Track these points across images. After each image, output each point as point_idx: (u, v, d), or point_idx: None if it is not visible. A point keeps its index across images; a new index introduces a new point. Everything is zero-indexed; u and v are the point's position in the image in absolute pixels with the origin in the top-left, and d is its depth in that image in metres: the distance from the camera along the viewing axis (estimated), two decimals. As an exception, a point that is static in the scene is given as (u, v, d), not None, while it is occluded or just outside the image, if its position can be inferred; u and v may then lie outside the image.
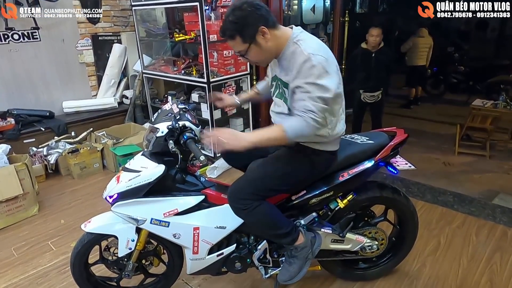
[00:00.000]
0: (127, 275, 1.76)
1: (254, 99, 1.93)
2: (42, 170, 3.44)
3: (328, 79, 1.32)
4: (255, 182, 1.53)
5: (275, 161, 1.58)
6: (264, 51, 1.41)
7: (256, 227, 1.64)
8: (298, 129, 1.33)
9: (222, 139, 1.32)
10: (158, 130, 1.49)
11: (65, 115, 3.99)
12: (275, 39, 1.40)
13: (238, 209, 1.52)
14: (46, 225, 2.75)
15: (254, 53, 1.42)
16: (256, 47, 1.39)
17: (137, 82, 4.24)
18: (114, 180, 1.59)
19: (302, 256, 1.67)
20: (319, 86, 1.30)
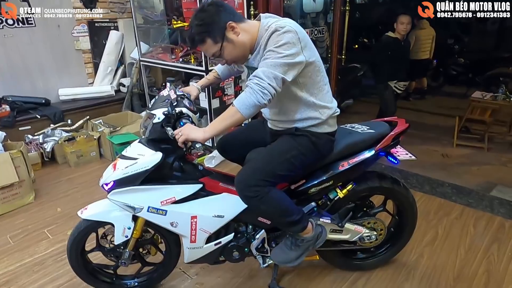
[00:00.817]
0: (124, 263, 1.74)
1: (214, 83, 1.92)
2: (38, 158, 3.40)
3: (291, 48, 1.30)
4: (264, 168, 1.50)
5: (280, 147, 1.55)
6: (238, 46, 1.40)
7: (267, 215, 1.61)
8: (243, 98, 1.32)
9: (185, 132, 1.36)
10: (154, 116, 1.46)
11: (61, 103, 3.94)
12: (246, 32, 1.40)
13: (248, 197, 1.49)
14: (43, 213, 2.73)
15: (229, 51, 1.40)
16: (229, 44, 1.39)
17: (134, 70, 4.18)
18: (111, 167, 1.57)
19: (305, 247, 1.66)
20: (278, 52, 1.30)
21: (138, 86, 4.25)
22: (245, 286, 1.96)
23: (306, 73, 1.42)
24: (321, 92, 1.51)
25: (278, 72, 1.30)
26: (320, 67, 1.47)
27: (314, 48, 1.42)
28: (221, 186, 1.63)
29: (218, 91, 3.48)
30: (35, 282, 2.03)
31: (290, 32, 1.30)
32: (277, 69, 1.30)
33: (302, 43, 1.34)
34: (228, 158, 1.91)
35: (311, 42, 1.40)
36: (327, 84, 1.55)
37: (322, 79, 1.51)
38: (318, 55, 1.44)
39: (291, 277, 2.02)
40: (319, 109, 1.52)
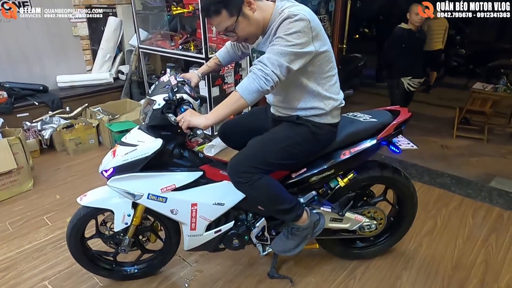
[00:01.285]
0: (124, 250, 1.74)
1: (215, 69, 1.89)
2: (36, 145, 3.38)
3: (301, 37, 1.27)
4: (255, 156, 1.49)
5: (276, 135, 1.54)
6: (253, 23, 1.36)
7: (258, 202, 1.61)
8: (246, 83, 1.30)
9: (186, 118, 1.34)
10: (154, 102, 1.44)
11: (59, 90, 3.90)
12: (261, 11, 1.36)
13: (238, 182, 1.49)
14: (41, 200, 2.72)
15: (243, 26, 1.36)
16: (244, 20, 1.34)
17: (133, 57, 4.13)
18: (110, 154, 1.55)
19: (302, 235, 1.66)
20: (287, 40, 1.27)
21: (137, 73, 4.21)
22: (244, 274, 1.97)
23: (315, 62, 1.39)
24: (328, 83, 1.49)
25: (283, 61, 1.27)
26: (330, 57, 1.44)
27: (326, 37, 1.39)
28: (221, 174, 1.62)
29: (218, 79, 3.45)
30: (34, 268, 2.04)
31: (303, 20, 1.27)
32: (283, 57, 1.27)
33: (314, 32, 1.30)
34: (230, 145, 1.90)
35: (323, 31, 1.37)
36: (336, 75, 1.52)
37: (331, 70, 1.48)
38: (330, 45, 1.41)
39: (290, 265, 2.02)
40: (324, 100, 1.49)
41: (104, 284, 1.91)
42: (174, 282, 1.94)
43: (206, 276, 1.97)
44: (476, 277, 1.94)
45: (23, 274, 1.99)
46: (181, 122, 1.36)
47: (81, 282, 1.93)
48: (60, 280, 1.95)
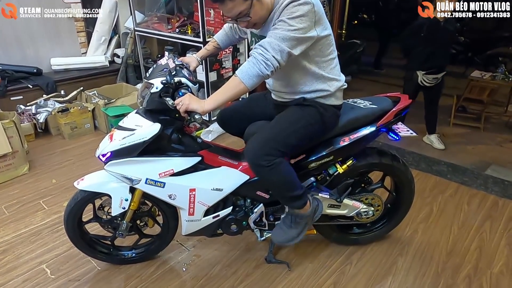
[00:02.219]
0: (121, 235, 1.74)
1: (214, 53, 1.86)
2: (31, 129, 3.34)
3: (304, 22, 1.26)
4: (275, 138, 1.47)
5: (290, 117, 1.53)
6: (264, 6, 1.33)
7: (273, 186, 1.58)
8: (246, 67, 1.28)
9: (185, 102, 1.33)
10: (152, 85, 1.41)
11: (53, 73, 3.83)
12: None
13: (261, 166, 1.45)
14: (38, 184, 2.71)
15: (257, 10, 1.32)
16: (258, 3, 1.31)
17: (129, 40, 4.05)
18: (107, 138, 1.53)
19: (304, 223, 1.67)
20: (289, 24, 1.25)
21: (133, 57, 4.14)
22: (242, 259, 1.99)
23: (317, 46, 1.38)
24: (329, 66, 1.48)
25: (285, 46, 1.26)
26: (331, 41, 1.43)
27: (327, 21, 1.37)
28: (220, 160, 1.61)
29: (216, 64, 3.40)
30: (32, 252, 2.04)
31: (307, 4, 1.25)
32: (284, 42, 1.25)
33: (317, 16, 1.29)
34: (228, 131, 1.88)
35: (325, 15, 1.35)
36: (336, 58, 1.52)
37: (332, 53, 1.47)
38: (330, 29, 1.40)
39: (288, 251, 2.04)
40: (327, 81, 1.49)
41: (102, 268, 1.92)
42: (172, 266, 1.95)
43: (204, 260, 1.98)
44: (470, 263, 1.97)
45: (20, 258, 1.99)
46: (179, 105, 1.33)
47: (79, 266, 1.93)
48: (57, 263, 1.95)
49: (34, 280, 1.86)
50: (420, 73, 3.08)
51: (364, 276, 1.88)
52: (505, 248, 2.08)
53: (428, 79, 3.07)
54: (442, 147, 3.26)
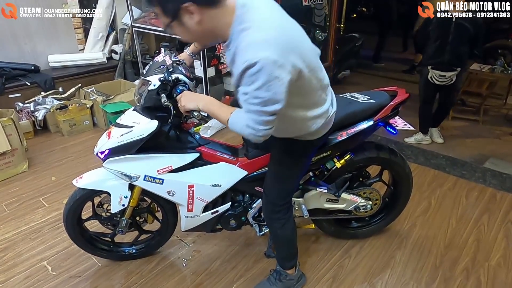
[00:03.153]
0: (121, 231, 1.75)
1: (203, 48, 1.81)
2: (30, 127, 3.34)
3: (270, 88, 1.02)
4: (277, 197, 1.55)
5: (279, 168, 1.52)
6: (192, 33, 1.09)
7: (281, 242, 1.67)
8: (239, 127, 1.17)
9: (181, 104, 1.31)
10: (149, 83, 1.41)
11: (51, 70, 3.82)
12: (213, 21, 1.05)
13: (274, 227, 1.60)
14: (37, 181, 2.71)
15: (179, 32, 1.10)
16: (179, 26, 1.06)
17: (126, 36, 4.04)
18: (105, 135, 1.53)
19: (286, 285, 1.73)
20: (257, 97, 1.04)
21: (130, 53, 4.13)
22: (241, 254, 2.00)
23: (296, 88, 1.13)
24: (313, 97, 1.25)
25: (266, 116, 1.08)
26: (314, 68, 1.17)
27: (300, 48, 1.09)
28: (218, 156, 1.62)
29: (214, 59, 3.39)
30: (32, 249, 2.05)
31: (265, 68, 0.98)
32: (263, 115, 1.08)
33: (283, 60, 1.01)
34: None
35: (298, 43, 1.10)
36: (323, 79, 1.26)
37: (316, 80, 1.21)
38: (307, 54, 1.13)
39: (287, 245, 2.05)
40: (308, 122, 1.30)
41: (102, 264, 1.94)
42: (172, 262, 1.96)
43: (204, 256, 2.00)
44: (468, 255, 1.99)
45: (21, 255, 2.01)
46: (181, 107, 1.32)
47: (80, 263, 1.95)
48: (58, 260, 1.97)
49: (35, 277, 1.87)
50: (429, 68, 2.97)
51: (363, 270, 1.90)
52: (502, 240, 2.10)
53: (435, 75, 2.94)
54: (441, 141, 3.25)
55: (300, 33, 1.15)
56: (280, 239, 1.65)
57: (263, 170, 1.65)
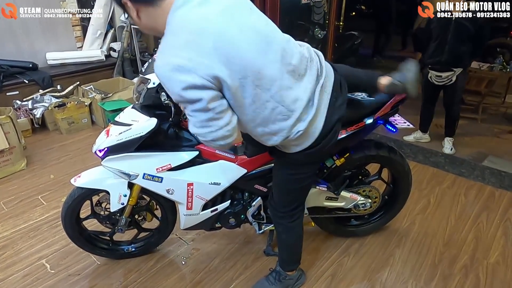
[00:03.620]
0: (120, 230, 1.75)
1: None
2: (28, 125, 3.33)
3: (192, 94, 0.98)
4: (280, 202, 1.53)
5: (278, 178, 1.48)
6: (138, 25, 1.10)
7: (285, 245, 1.67)
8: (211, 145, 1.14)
9: None
10: (149, 81, 1.41)
11: (49, 67, 3.81)
12: (149, 18, 1.04)
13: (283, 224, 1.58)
14: (36, 179, 2.71)
15: (134, 21, 1.09)
16: (130, 18, 1.10)
17: (124, 33, 4.02)
18: (104, 133, 1.53)
19: (285, 285, 1.72)
20: (188, 110, 1.04)
21: (129, 51, 4.11)
22: (240, 252, 2.00)
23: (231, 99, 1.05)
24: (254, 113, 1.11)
25: (209, 112, 1.03)
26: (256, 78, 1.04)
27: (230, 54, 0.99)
28: (217, 154, 1.61)
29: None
30: (31, 247, 2.04)
31: (174, 77, 0.96)
32: (205, 110, 1.02)
33: (191, 64, 0.95)
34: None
35: (227, 48, 0.99)
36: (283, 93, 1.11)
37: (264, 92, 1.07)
38: (242, 63, 1.01)
39: (286, 243, 2.05)
40: (260, 136, 1.21)
41: (101, 263, 1.93)
42: (171, 260, 1.96)
43: (203, 254, 2.00)
44: (467, 253, 1.99)
45: (20, 253, 2.00)
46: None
47: (79, 261, 1.94)
48: (57, 258, 1.96)
49: (34, 275, 1.87)
50: (428, 68, 2.93)
51: (362, 268, 1.90)
52: (501, 238, 2.10)
53: (433, 75, 2.90)
54: (449, 151, 3.01)
55: (243, 36, 1.02)
56: (284, 243, 1.64)
57: (263, 168, 1.65)
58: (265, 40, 1.07)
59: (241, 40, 1.01)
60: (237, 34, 1.01)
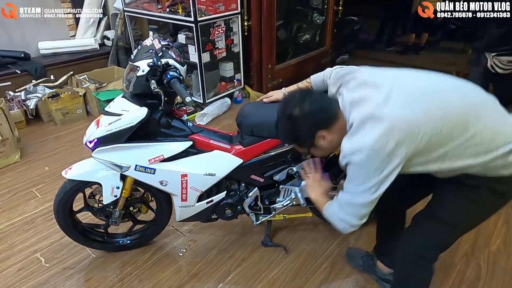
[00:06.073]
0: (114, 223, 1.71)
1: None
2: (21, 116, 3.26)
3: (371, 178, 1.04)
4: (434, 245, 1.30)
5: (447, 217, 1.22)
6: (328, 148, 1.21)
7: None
8: (333, 220, 1.25)
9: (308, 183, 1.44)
10: (138, 68, 1.35)
11: (42, 57, 3.72)
12: (336, 133, 1.14)
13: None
14: (30, 172, 2.66)
15: (317, 152, 1.27)
16: (317, 149, 1.23)
17: (118, 21, 3.92)
18: (94, 124, 1.48)
19: None
20: (355, 193, 1.11)
21: (123, 39, 4.01)
22: (238, 243, 1.97)
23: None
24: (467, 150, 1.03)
25: (364, 211, 1.13)
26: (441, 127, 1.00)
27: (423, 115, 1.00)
28: (212, 144, 1.56)
29: (209, 44, 3.30)
30: (26, 241, 2.01)
31: (365, 164, 1.03)
32: (362, 209, 1.13)
33: (392, 144, 0.99)
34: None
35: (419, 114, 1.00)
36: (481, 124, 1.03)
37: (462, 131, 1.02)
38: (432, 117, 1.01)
39: (284, 234, 2.02)
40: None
41: (96, 256, 1.90)
42: (168, 252, 1.93)
43: (200, 245, 1.97)
44: (468, 242, 1.96)
45: (14, 247, 1.97)
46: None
47: (73, 254, 1.92)
48: (52, 252, 1.93)
49: (28, 268, 1.84)
50: (489, 55, 2.60)
51: (361, 258, 1.87)
52: (503, 226, 2.07)
53: (501, 61, 2.54)
54: None
55: None
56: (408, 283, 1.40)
57: (259, 158, 1.60)
58: None
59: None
60: None
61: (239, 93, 3.71)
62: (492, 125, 1.04)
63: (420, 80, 1.12)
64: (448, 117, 1.01)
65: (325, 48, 4.32)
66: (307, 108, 1.12)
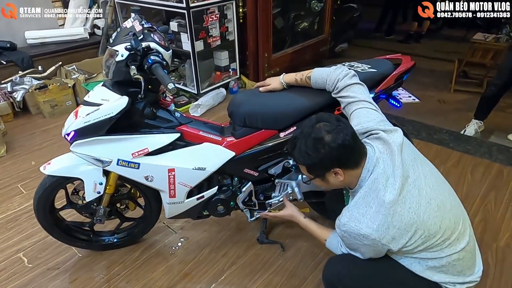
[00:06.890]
0: (99, 221, 1.60)
1: (301, 85, 1.48)
2: (8, 109, 3.14)
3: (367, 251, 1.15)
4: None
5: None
6: (330, 185, 1.19)
7: None
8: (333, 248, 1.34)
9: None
10: (117, 53, 1.23)
11: (29, 47, 3.57)
12: (350, 177, 1.13)
13: None
14: (16, 167, 2.55)
15: (320, 183, 1.20)
16: (321, 181, 1.17)
17: (108, 9, 3.77)
18: (72, 115, 1.36)
19: None
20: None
21: (114, 28, 3.86)
22: (232, 240, 1.87)
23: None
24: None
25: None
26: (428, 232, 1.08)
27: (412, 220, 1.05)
28: (201, 135, 1.45)
29: (202, 32, 3.16)
30: (8, 240, 1.92)
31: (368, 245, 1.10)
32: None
33: (387, 238, 1.06)
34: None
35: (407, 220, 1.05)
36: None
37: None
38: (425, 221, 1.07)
39: (280, 230, 1.92)
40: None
41: (83, 255, 1.80)
42: (159, 250, 1.83)
43: (192, 243, 1.87)
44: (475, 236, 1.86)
45: (-5, 246, 1.87)
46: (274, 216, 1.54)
47: (58, 253, 1.82)
48: (35, 251, 1.83)
49: (10, 269, 1.74)
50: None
51: (363, 254, 1.77)
52: (511, 219, 1.97)
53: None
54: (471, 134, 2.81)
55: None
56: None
57: (253, 151, 1.49)
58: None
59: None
60: None
61: (235, 83, 3.58)
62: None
63: (432, 189, 1.15)
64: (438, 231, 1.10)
65: (324, 36, 4.18)
66: (340, 141, 1.05)
